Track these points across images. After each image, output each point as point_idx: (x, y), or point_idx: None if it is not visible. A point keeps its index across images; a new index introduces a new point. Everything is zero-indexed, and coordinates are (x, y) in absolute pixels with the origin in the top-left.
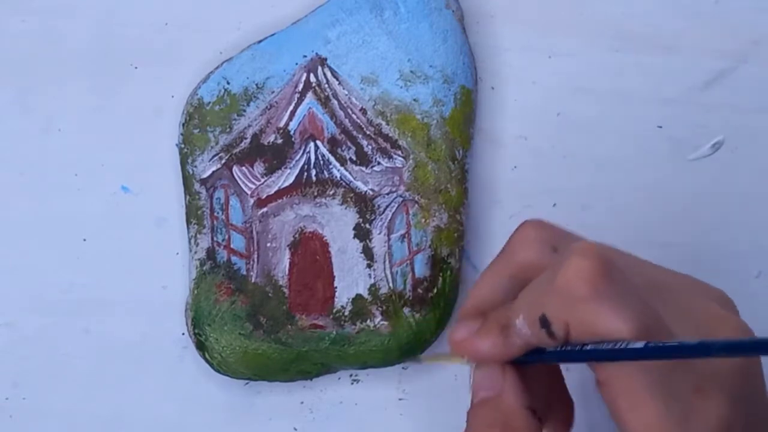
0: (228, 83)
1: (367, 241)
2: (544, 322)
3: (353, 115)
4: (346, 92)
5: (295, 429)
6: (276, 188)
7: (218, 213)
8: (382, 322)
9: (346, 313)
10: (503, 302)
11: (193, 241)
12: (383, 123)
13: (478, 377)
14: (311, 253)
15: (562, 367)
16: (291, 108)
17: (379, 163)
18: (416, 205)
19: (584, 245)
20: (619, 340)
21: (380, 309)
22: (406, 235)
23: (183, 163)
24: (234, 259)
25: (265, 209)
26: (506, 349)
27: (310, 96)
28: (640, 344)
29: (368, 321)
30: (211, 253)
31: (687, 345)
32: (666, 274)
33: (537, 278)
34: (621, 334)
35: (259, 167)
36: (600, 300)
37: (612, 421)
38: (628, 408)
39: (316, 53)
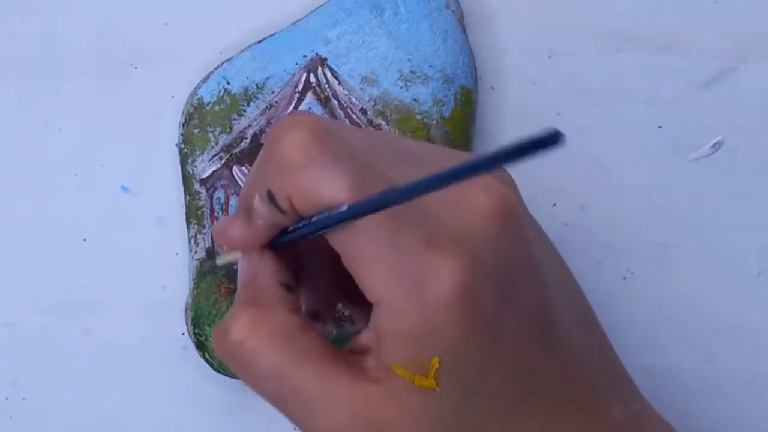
0: (228, 83)
1: None
2: (271, 197)
3: (353, 115)
4: (346, 92)
5: (295, 429)
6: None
7: (218, 213)
8: None
9: (346, 313)
10: None
11: (193, 241)
12: (383, 123)
13: (240, 265)
14: None
15: None
16: (291, 108)
17: None
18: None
19: (299, 116)
20: (340, 204)
21: None
22: None
23: (183, 163)
24: None
25: None
26: (253, 231)
27: (310, 96)
28: (344, 207)
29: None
30: (211, 253)
31: (389, 191)
32: (421, 146)
33: (265, 153)
34: (338, 198)
35: None
36: (312, 166)
37: None
38: (363, 272)
39: (316, 53)
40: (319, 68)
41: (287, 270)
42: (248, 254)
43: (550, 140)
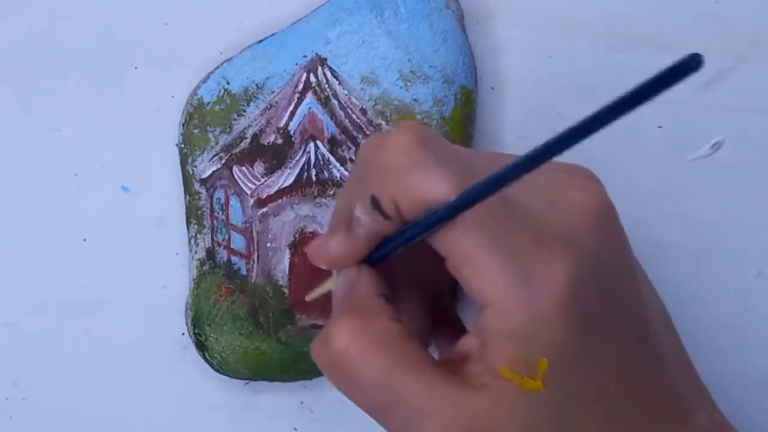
0: (228, 83)
1: None
2: (375, 203)
3: (353, 115)
4: (346, 92)
5: (295, 429)
6: (276, 188)
7: (218, 213)
8: None
9: None
10: None
11: (193, 241)
12: (383, 123)
13: (338, 281)
14: None
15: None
16: (291, 108)
17: None
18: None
19: (402, 123)
20: (446, 202)
21: None
22: None
23: (183, 163)
24: (234, 259)
25: (265, 209)
26: (353, 243)
27: (310, 96)
28: (452, 198)
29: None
30: (211, 253)
31: (493, 176)
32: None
33: (364, 163)
34: (443, 196)
35: (259, 167)
36: (417, 167)
37: None
38: (470, 274)
39: (316, 53)
40: (319, 68)
41: (384, 282)
42: (344, 271)
43: (687, 67)
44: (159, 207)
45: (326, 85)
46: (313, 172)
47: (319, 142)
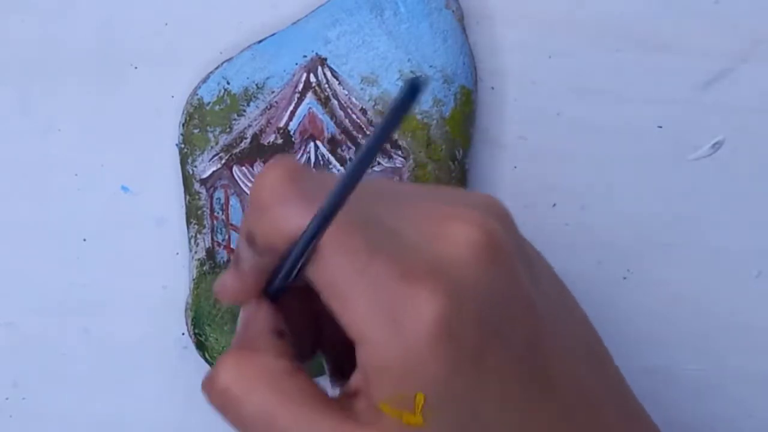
0: (228, 83)
1: None
2: (251, 239)
3: (353, 115)
4: (346, 92)
5: None
6: None
7: (218, 213)
8: None
9: None
10: None
11: (193, 241)
12: None
13: (240, 317)
14: None
15: None
16: (291, 108)
17: (379, 163)
18: None
19: (274, 158)
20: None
21: None
22: None
23: (183, 163)
24: None
25: None
26: (242, 278)
27: (310, 96)
28: (307, 223)
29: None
30: (211, 253)
31: (335, 189)
32: (413, 187)
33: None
34: (303, 225)
35: (259, 167)
36: (280, 203)
37: None
38: (339, 308)
39: (316, 53)
40: (319, 68)
41: (282, 318)
42: (245, 306)
43: (412, 91)
44: (159, 207)
45: (326, 85)
46: None
47: (319, 142)
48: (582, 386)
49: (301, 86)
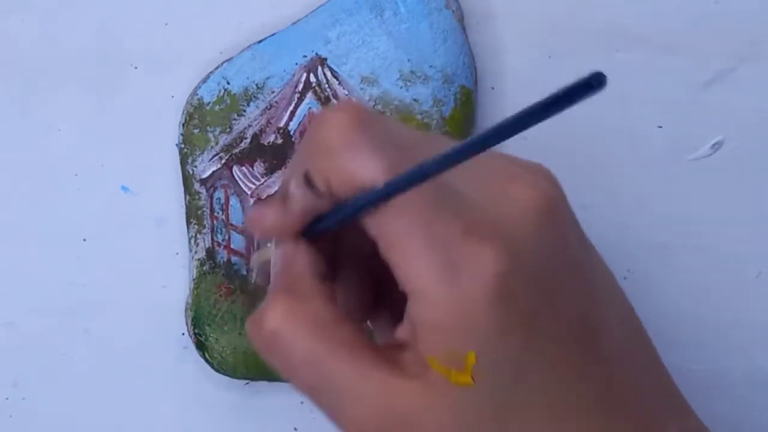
0: (228, 83)
1: None
2: (308, 180)
3: None
4: (346, 92)
5: (295, 429)
6: (276, 188)
7: (218, 213)
8: None
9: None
10: None
11: (193, 241)
12: None
13: (275, 255)
14: None
15: None
16: (291, 108)
17: None
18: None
19: (345, 100)
20: (376, 184)
21: None
22: None
23: (183, 163)
24: (234, 259)
25: None
26: (286, 217)
27: (310, 96)
28: (380, 185)
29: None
30: (211, 253)
31: (428, 162)
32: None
33: (305, 138)
34: (376, 178)
35: (259, 167)
36: (350, 148)
37: None
38: (398, 260)
39: (316, 53)
40: (319, 68)
41: (323, 261)
42: (282, 244)
43: (591, 84)
44: (159, 207)
45: (326, 85)
46: None
47: None
48: (626, 360)
49: (301, 86)
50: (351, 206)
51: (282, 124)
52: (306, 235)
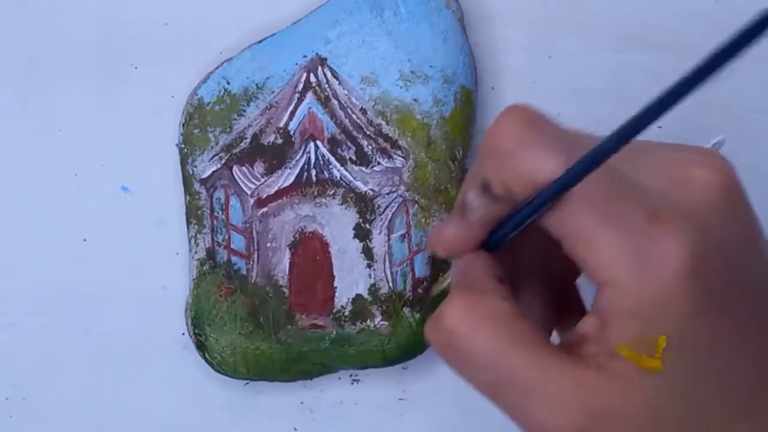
0: (228, 83)
1: (367, 241)
2: (486, 187)
3: (353, 115)
4: (346, 92)
5: (295, 429)
6: (276, 188)
7: (218, 213)
8: (382, 322)
9: (346, 313)
10: None
11: (193, 241)
12: (383, 123)
13: (453, 268)
14: (311, 253)
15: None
16: (291, 108)
17: (379, 163)
18: (416, 205)
19: (510, 106)
20: (552, 179)
21: (380, 309)
22: (407, 235)
23: (183, 163)
24: (234, 259)
25: (265, 209)
26: (467, 229)
27: (310, 96)
28: (564, 170)
29: (368, 321)
30: (211, 253)
31: (600, 146)
32: (638, 142)
33: (478, 152)
34: (552, 173)
35: (259, 167)
36: (525, 148)
37: None
38: (586, 253)
39: (316, 53)
40: (319, 68)
41: (500, 266)
42: (462, 257)
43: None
44: (159, 207)
45: (326, 85)
46: (313, 172)
47: (319, 142)
48: None
49: (301, 86)
50: (530, 206)
51: (282, 124)
52: (485, 247)
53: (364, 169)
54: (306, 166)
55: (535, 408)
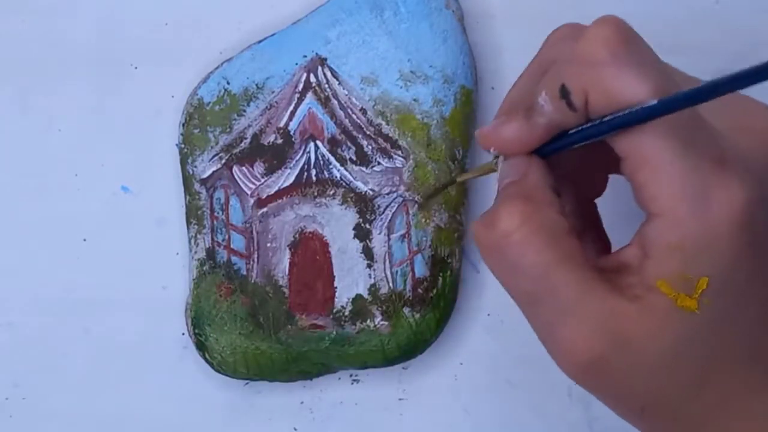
0: (228, 83)
1: (367, 241)
2: (564, 92)
3: (353, 115)
4: (346, 92)
5: (295, 429)
6: (276, 188)
7: (218, 213)
8: (382, 322)
9: (346, 313)
10: None
11: (193, 241)
12: (383, 123)
13: (504, 168)
14: (311, 253)
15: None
16: (291, 108)
17: (379, 163)
18: (416, 205)
19: (605, 16)
20: (638, 104)
21: (380, 309)
22: (406, 235)
23: (183, 163)
24: (234, 259)
25: (265, 209)
26: (530, 130)
27: (310, 96)
28: (654, 101)
29: (368, 321)
30: (211, 253)
31: (698, 89)
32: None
33: (554, 52)
34: (639, 97)
35: (259, 167)
36: (618, 63)
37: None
38: (648, 179)
39: (316, 53)
40: (319, 68)
41: (552, 176)
42: (514, 158)
43: None
44: (159, 207)
45: (326, 85)
46: (313, 172)
47: (319, 142)
48: None
49: (301, 86)
50: (608, 124)
51: (282, 124)
52: (539, 153)
53: (364, 169)
54: (306, 166)
55: (564, 327)
